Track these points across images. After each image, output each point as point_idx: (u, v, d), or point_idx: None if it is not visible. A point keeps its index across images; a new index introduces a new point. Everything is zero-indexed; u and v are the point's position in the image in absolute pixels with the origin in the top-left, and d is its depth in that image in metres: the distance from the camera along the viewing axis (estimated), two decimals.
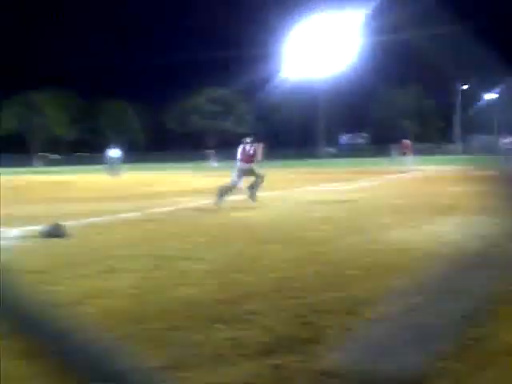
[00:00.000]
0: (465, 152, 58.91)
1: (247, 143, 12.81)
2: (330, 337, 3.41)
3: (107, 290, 4.73)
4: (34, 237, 7.70)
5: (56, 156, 75.29)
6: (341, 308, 3.98)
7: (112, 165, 30.41)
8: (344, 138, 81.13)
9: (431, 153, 54.63)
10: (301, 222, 8.95)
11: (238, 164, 12.44)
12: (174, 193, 16.43)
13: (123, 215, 10.32)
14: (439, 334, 3.39)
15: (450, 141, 71.06)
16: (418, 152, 34.79)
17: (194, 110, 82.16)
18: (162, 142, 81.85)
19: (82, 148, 78.22)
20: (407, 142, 28.79)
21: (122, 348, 3.16)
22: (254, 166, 12.46)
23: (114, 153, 31.64)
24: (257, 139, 13.13)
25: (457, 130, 71.68)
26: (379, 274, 4.99)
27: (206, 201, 12.75)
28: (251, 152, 12.63)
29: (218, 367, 2.97)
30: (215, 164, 45.27)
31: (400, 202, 11.45)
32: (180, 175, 30.64)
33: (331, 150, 74.88)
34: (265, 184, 12.66)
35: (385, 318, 3.71)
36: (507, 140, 23.65)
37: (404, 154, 28.30)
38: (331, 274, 5.10)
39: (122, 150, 32.50)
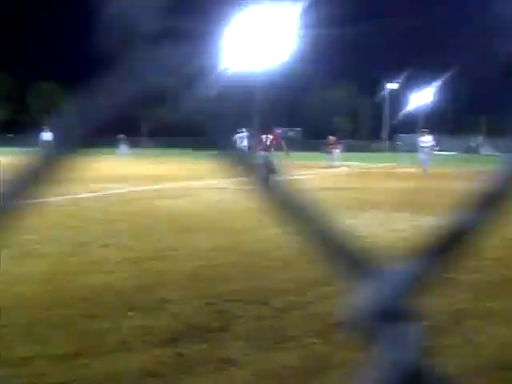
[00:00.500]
0: (391, 150, 60.96)
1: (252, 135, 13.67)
2: (239, 325, 3.46)
3: (17, 275, 4.60)
4: None
5: None
6: (252, 298, 4.04)
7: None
8: (279, 132, 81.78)
9: (361, 150, 55.98)
10: (226, 211, 8.98)
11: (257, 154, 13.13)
12: (100, 179, 16.09)
13: (45, 199, 10.00)
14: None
15: (380, 138, 73.13)
16: (349, 148, 35.61)
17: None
18: None
19: (10, 129, 75.21)
20: (332, 138, 29.42)
21: None
22: (270, 155, 13.06)
23: (48, 136, 30.05)
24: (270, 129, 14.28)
25: (385, 128, 73.85)
26: (298, 266, 5.08)
27: (133, 188, 12.60)
28: (267, 142, 13.50)
29: (122, 355, 2.95)
30: (126, 151, 44.07)
31: (326, 196, 11.68)
32: (109, 161, 30.03)
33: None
34: (194, 174, 12.62)
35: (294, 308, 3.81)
36: (424, 138, 24.53)
37: (330, 149, 28.95)
38: (249, 263, 5.16)
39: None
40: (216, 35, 62.60)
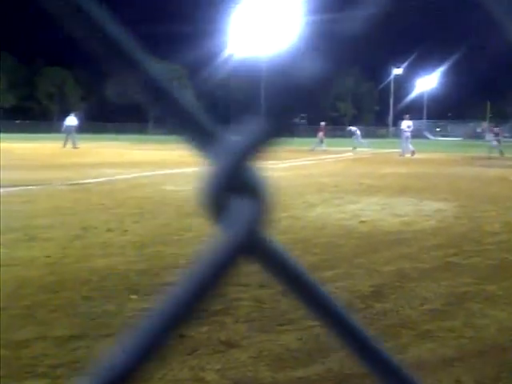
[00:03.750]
0: (395, 136, 60.69)
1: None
2: (239, 308, 3.50)
3: (23, 258, 4.65)
4: None
5: None
6: (254, 281, 4.05)
7: (68, 133, 28.50)
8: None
9: (366, 136, 55.83)
10: None
11: None
12: (106, 164, 16.14)
13: (49, 185, 10.08)
14: None
15: (385, 124, 72.88)
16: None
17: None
18: (102, 113, 79.89)
19: (20, 115, 75.29)
20: (323, 124, 29.51)
21: None
22: None
23: (71, 121, 29.67)
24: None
25: (390, 113, 73.56)
26: (297, 250, 5.11)
27: (139, 173, 12.63)
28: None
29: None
30: None
31: (329, 181, 11.69)
32: (117, 147, 30.10)
33: None
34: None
35: None
36: (405, 123, 24.90)
37: (322, 136, 29.11)
38: None
39: (78, 118, 30.35)
40: (222, 20, 62.25)
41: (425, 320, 3.42)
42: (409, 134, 24.64)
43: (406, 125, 24.98)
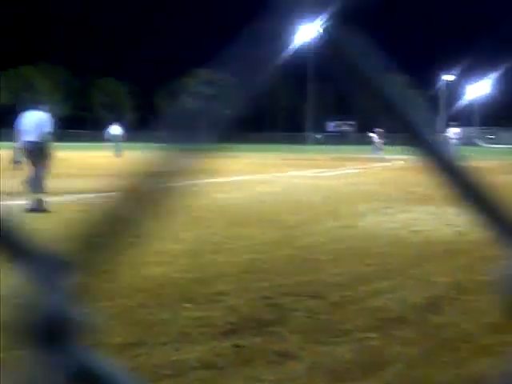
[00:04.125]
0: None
1: None
2: (294, 319, 3.49)
3: None
4: (18, 211, 7.70)
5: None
6: (307, 291, 4.05)
7: (114, 142, 29.07)
8: (332, 125, 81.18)
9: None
10: (279, 205, 9.02)
11: None
12: None
13: (107, 194, 10.27)
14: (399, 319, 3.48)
15: (435, 131, 71.44)
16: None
17: (184, 91, 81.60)
18: (153, 122, 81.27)
19: (74, 125, 77.49)
20: (379, 130, 29.00)
21: None
22: None
23: (115, 130, 30.18)
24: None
25: (441, 120, 72.11)
26: (350, 260, 5.08)
27: (188, 182, 12.79)
28: None
29: (180, 345, 3.03)
30: None
31: (379, 190, 11.56)
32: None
33: (319, 136, 74.94)
34: (247, 168, 12.73)
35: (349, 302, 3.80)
36: (452, 131, 24.50)
37: (378, 142, 28.72)
38: (303, 257, 5.17)
39: (122, 127, 30.98)
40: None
41: (484, 334, 3.33)
42: (456, 141, 24.21)
43: (453, 132, 24.66)
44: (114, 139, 29.09)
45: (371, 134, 30.34)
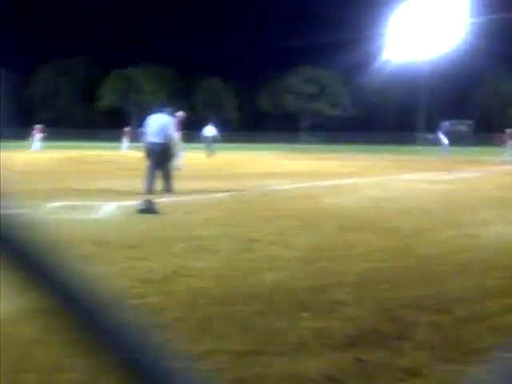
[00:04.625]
0: None
1: None
2: (418, 334, 3.28)
3: (194, 268, 4.81)
4: (129, 212, 8.01)
5: None
6: (430, 305, 3.81)
7: (207, 143, 29.81)
8: (446, 125, 77.90)
9: None
10: (394, 211, 8.69)
11: None
12: (263, 174, 16.52)
13: (211, 195, 10.51)
14: None
15: None
16: None
17: (288, 90, 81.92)
18: (255, 122, 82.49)
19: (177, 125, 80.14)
20: (510, 130, 27.24)
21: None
22: None
23: (209, 131, 30.94)
24: None
25: None
26: (476, 272, 4.74)
27: (296, 184, 12.72)
28: None
29: (300, 356, 2.93)
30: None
31: (503, 196, 10.84)
32: (271, 156, 30.78)
33: (430, 136, 72.27)
34: (354, 170, 12.47)
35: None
36: None
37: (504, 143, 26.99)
38: (423, 268, 4.90)
39: (217, 128, 31.57)
40: (379, 25, 61.24)
41: None
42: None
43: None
44: (206, 140, 29.78)
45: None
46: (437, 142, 31.99)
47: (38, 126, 37.91)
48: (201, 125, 32.17)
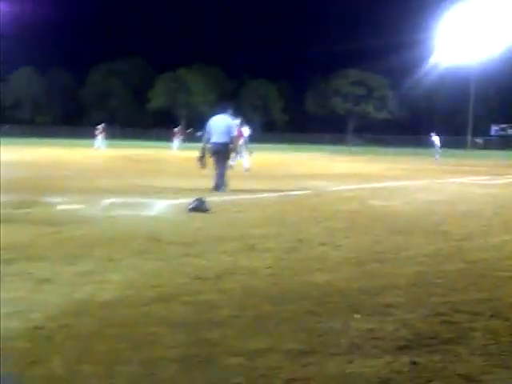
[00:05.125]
0: None
1: None
2: (473, 339, 3.24)
3: (246, 267, 4.88)
4: (181, 210, 8.16)
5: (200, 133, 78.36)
6: (485, 310, 3.76)
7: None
8: (495, 129, 75.99)
9: None
10: (444, 214, 8.57)
11: None
12: (310, 176, 16.50)
13: (259, 195, 10.57)
14: None
15: None
16: None
17: (336, 92, 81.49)
18: (302, 123, 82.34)
19: None
20: None
21: None
22: None
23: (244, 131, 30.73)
24: None
25: None
26: None
27: (344, 186, 12.67)
28: None
29: (353, 358, 2.94)
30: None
31: None
32: (318, 158, 30.68)
33: (479, 140, 70.68)
34: (402, 173, 12.32)
35: None
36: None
37: None
38: (477, 273, 4.82)
39: (251, 127, 31.30)
40: (427, 29, 60.22)
41: None
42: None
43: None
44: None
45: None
46: (469, 146, 32.06)
47: (101, 125, 38.44)
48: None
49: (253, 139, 31.03)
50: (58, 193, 9.94)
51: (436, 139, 34.22)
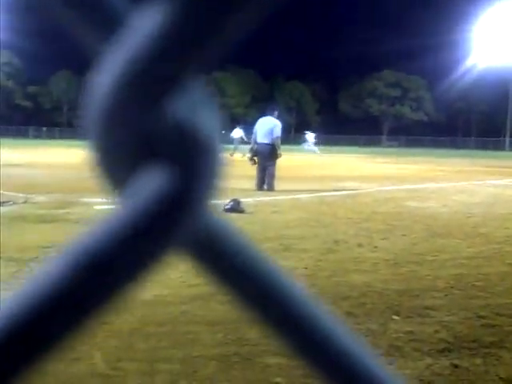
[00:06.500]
0: None
1: None
2: None
3: (283, 268, 4.87)
4: (218, 210, 8.19)
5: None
6: None
7: (234, 145, 28.91)
8: None
9: None
10: (483, 216, 8.41)
11: None
12: (345, 177, 16.39)
13: (295, 196, 10.56)
14: None
15: None
16: None
17: (370, 93, 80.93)
18: (335, 125, 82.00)
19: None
20: None
21: None
22: None
23: (236, 133, 30.31)
24: None
25: None
26: None
27: (379, 187, 12.56)
28: None
29: (394, 359, 2.92)
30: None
31: None
32: (353, 159, 30.48)
33: None
34: (440, 175, 12.17)
35: None
36: None
37: None
38: None
39: (244, 130, 30.12)
40: (464, 30, 59.28)
41: None
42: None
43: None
44: (234, 142, 29.58)
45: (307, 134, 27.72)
46: (507, 147, 30.81)
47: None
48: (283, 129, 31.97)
49: (286, 141, 31.23)
50: (95, 193, 10.12)
51: None
